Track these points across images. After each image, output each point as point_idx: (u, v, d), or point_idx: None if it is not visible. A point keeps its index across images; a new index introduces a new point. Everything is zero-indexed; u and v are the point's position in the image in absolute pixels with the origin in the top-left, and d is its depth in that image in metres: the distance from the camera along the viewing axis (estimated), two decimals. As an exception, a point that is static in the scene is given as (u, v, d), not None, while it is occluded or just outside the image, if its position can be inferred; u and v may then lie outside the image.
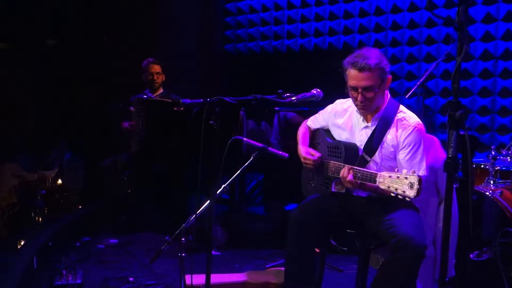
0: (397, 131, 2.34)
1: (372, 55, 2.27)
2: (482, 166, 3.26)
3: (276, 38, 5.42)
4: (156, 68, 4.35)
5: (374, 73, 2.25)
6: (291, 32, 5.29)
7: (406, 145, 2.31)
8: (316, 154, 2.50)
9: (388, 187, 2.03)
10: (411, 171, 2.01)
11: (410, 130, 2.31)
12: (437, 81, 4.46)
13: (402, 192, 1.98)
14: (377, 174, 2.10)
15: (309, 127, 2.72)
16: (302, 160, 2.57)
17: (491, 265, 2.80)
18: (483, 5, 4.17)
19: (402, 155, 2.31)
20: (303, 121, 2.78)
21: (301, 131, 2.73)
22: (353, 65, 2.27)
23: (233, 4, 5.70)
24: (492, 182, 3.11)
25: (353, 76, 2.29)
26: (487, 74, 4.21)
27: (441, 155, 2.63)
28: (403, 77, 4.66)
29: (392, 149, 2.34)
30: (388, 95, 2.43)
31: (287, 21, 5.32)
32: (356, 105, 2.38)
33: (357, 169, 2.22)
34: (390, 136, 2.34)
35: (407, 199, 1.99)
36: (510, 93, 4.12)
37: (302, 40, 5.22)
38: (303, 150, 2.57)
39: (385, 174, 2.06)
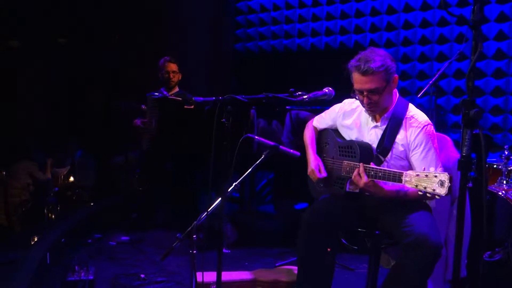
0: (406, 131, 2.33)
1: (375, 57, 2.26)
2: (495, 166, 3.23)
3: (286, 37, 5.41)
4: (173, 66, 4.36)
5: (378, 76, 2.25)
6: (302, 31, 5.28)
7: (417, 145, 2.30)
8: (323, 173, 2.51)
9: (416, 185, 2.01)
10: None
11: (419, 130, 2.30)
12: (450, 81, 4.43)
13: (431, 191, 1.96)
14: (402, 173, 2.08)
15: (315, 128, 2.72)
16: (309, 171, 2.57)
17: (503, 266, 2.77)
18: (496, 4, 4.14)
19: (415, 156, 2.30)
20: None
21: (307, 134, 2.72)
22: (356, 68, 2.28)
23: (244, 3, 5.70)
24: (505, 182, 3.09)
25: (357, 79, 2.30)
26: (500, 74, 4.17)
27: (453, 154, 2.61)
28: (415, 76, 4.63)
29: (403, 149, 2.33)
30: (396, 94, 2.42)
31: (298, 20, 5.31)
32: (364, 107, 2.38)
33: (378, 168, 2.20)
34: (400, 136, 2.34)
35: (436, 197, 1.97)
36: (523, 92, 4.09)
37: (313, 39, 5.21)
38: (313, 162, 2.56)
39: (411, 173, 2.04)
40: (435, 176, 1.95)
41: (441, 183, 1.93)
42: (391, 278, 2.23)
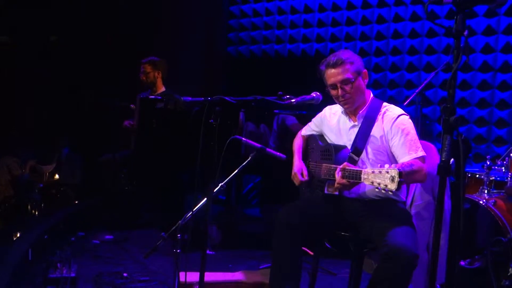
0: (382, 123, 2.40)
1: (342, 52, 2.42)
2: (477, 175, 3.29)
3: (278, 42, 5.46)
4: (146, 67, 4.34)
5: (347, 66, 2.37)
6: (293, 36, 5.33)
7: (395, 132, 2.35)
8: (305, 177, 2.56)
9: (372, 182, 2.06)
10: (402, 159, 2.10)
11: (395, 118, 2.38)
12: (436, 91, 4.50)
13: (384, 186, 2.02)
14: (361, 171, 2.13)
15: (303, 136, 2.80)
16: (292, 174, 2.62)
17: (482, 273, 2.82)
18: (484, 17, 4.22)
19: (394, 144, 2.35)
20: (301, 127, 2.84)
21: (295, 142, 2.79)
22: (327, 64, 2.41)
23: (237, 7, 5.74)
24: (486, 191, 3.14)
25: (329, 75, 2.41)
26: (485, 86, 4.25)
27: (437, 162, 2.65)
28: (403, 85, 4.70)
29: (380, 142, 2.39)
30: (370, 94, 2.50)
31: (289, 25, 5.36)
32: (340, 103, 2.46)
33: (346, 168, 2.24)
34: (376, 129, 2.40)
35: (389, 192, 2.02)
36: (507, 105, 4.17)
37: (304, 45, 5.26)
38: (297, 166, 2.62)
39: (369, 170, 2.10)
40: (387, 172, 2.01)
41: (392, 179, 1.98)
42: (372, 284, 2.25)
